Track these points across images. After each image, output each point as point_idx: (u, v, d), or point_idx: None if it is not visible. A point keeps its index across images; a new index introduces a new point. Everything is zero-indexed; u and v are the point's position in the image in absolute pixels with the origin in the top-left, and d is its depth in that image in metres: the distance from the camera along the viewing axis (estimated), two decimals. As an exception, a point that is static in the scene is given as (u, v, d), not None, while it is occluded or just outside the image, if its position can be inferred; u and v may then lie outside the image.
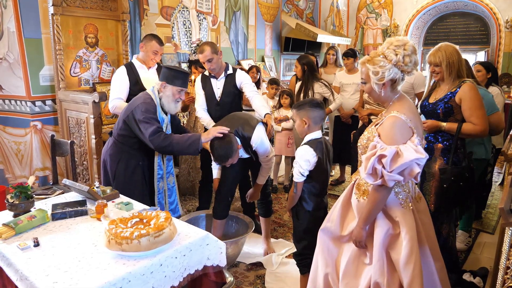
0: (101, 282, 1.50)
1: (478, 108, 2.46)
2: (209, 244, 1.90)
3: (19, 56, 3.71)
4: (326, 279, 2.06)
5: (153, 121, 2.59)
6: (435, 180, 2.56)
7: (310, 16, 8.24)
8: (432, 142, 2.60)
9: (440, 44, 2.57)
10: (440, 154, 2.57)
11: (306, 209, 2.40)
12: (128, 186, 2.73)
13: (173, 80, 2.65)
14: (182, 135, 2.64)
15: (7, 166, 4.14)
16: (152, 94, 2.71)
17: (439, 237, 2.62)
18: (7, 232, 1.88)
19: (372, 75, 1.85)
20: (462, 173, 2.50)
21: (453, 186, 2.49)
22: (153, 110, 2.64)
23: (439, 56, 2.52)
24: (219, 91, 3.35)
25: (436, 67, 2.56)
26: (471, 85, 2.48)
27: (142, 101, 2.64)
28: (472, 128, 2.47)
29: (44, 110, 3.91)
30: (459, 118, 2.52)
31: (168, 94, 2.67)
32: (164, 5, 5.10)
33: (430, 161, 2.59)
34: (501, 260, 1.71)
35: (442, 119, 2.56)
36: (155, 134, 2.57)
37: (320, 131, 2.41)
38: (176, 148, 2.60)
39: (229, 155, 2.65)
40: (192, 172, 4.40)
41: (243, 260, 3.14)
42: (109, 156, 2.79)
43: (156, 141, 2.56)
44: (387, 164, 1.70)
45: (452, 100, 2.50)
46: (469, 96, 2.45)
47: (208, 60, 3.21)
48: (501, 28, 7.43)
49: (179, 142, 2.58)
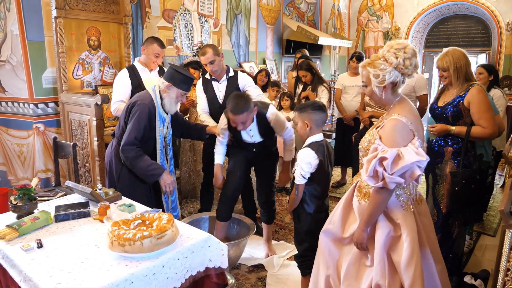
0: (104, 283, 1.51)
1: (486, 111, 2.48)
2: (211, 246, 1.91)
3: (22, 58, 3.73)
4: (327, 281, 2.06)
5: (137, 131, 2.62)
6: (447, 183, 2.59)
7: (311, 19, 8.25)
8: (442, 146, 2.62)
9: (447, 48, 2.60)
10: (450, 157, 2.59)
11: (308, 212, 2.40)
12: (134, 187, 2.75)
13: (180, 84, 2.67)
14: (151, 162, 2.65)
15: (9, 168, 4.16)
16: (152, 93, 2.72)
17: (449, 239, 2.64)
18: (10, 233, 1.89)
19: (373, 78, 1.86)
20: (473, 176, 2.53)
21: (465, 189, 2.52)
22: (146, 116, 2.64)
23: (447, 61, 2.55)
24: (221, 93, 3.35)
25: (444, 72, 2.58)
26: (479, 88, 2.50)
27: (141, 102, 2.65)
28: (481, 131, 2.48)
29: (46, 112, 3.93)
30: (468, 121, 2.54)
31: (172, 96, 2.70)
32: (166, 8, 5.12)
33: (441, 165, 2.62)
34: (501, 262, 1.71)
35: (451, 122, 2.58)
36: (131, 145, 2.61)
37: (321, 134, 2.42)
38: (138, 170, 2.65)
39: (244, 108, 2.67)
40: (193, 175, 4.41)
41: (244, 262, 3.15)
42: (114, 157, 2.80)
43: (127, 152, 2.61)
44: (388, 166, 1.71)
45: (461, 103, 2.52)
46: (478, 100, 2.47)
47: (210, 62, 3.22)
48: (502, 30, 7.43)
49: (142, 167, 2.62)
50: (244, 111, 2.67)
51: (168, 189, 2.71)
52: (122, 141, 2.64)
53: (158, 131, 2.74)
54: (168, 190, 2.72)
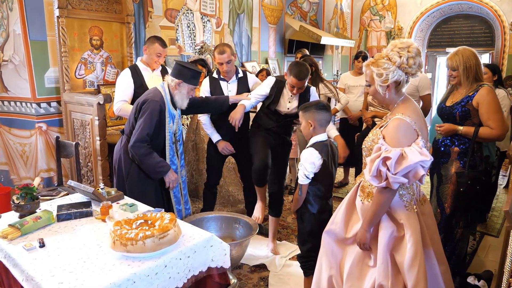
0: (106, 283, 1.51)
1: (495, 112, 2.45)
2: (213, 245, 1.91)
3: (24, 58, 3.73)
4: (330, 281, 2.06)
5: (149, 128, 2.64)
6: (452, 184, 2.57)
7: (313, 19, 8.24)
8: (449, 146, 2.60)
9: (458, 48, 2.57)
10: (456, 157, 2.57)
11: (311, 212, 2.39)
12: (143, 183, 2.77)
13: (190, 80, 2.72)
14: (160, 159, 2.70)
15: (12, 167, 4.16)
16: (162, 90, 2.74)
17: (451, 240, 2.63)
18: (13, 233, 1.89)
19: (376, 77, 1.85)
20: (479, 177, 2.50)
21: (470, 190, 2.49)
22: (157, 112, 2.67)
23: (456, 60, 2.53)
24: (230, 93, 3.33)
25: (454, 71, 2.56)
26: (488, 89, 2.47)
27: (152, 99, 2.67)
28: (490, 132, 2.46)
29: (49, 111, 3.93)
30: (476, 121, 2.52)
31: (184, 92, 2.74)
32: (169, 7, 5.11)
33: (447, 165, 2.60)
34: (506, 263, 1.70)
35: (459, 122, 2.56)
36: (142, 142, 2.63)
37: (325, 134, 2.41)
38: (146, 166, 2.69)
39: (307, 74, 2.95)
40: (196, 175, 4.41)
41: (247, 262, 3.14)
42: (124, 153, 2.81)
43: (138, 149, 2.63)
44: (392, 166, 1.70)
45: (469, 103, 2.50)
46: (487, 100, 2.44)
47: (228, 61, 3.21)
48: (505, 30, 7.40)
49: (151, 164, 2.67)
50: (307, 76, 2.94)
51: (171, 185, 2.79)
52: (133, 138, 2.65)
53: (167, 128, 2.77)
54: (172, 187, 2.80)
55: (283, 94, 3.13)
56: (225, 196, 4.27)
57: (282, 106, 3.16)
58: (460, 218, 2.61)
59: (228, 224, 3.25)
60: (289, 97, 3.12)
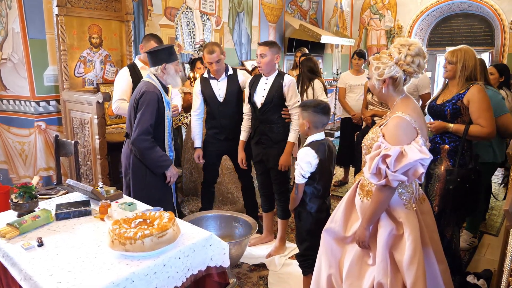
0: (104, 282, 1.51)
1: (486, 110, 2.45)
2: (213, 244, 1.90)
3: (23, 56, 3.72)
4: (329, 280, 2.05)
5: (150, 119, 2.62)
6: (440, 182, 2.55)
7: (313, 17, 8.23)
8: (439, 144, 2.59)
9: (462, 45, 2.57)
10: (446, 155, 2.56)
11: (309, 211, 2.39)
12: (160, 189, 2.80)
13: (170, 57, 2.72)
14: (162, 153, 2.70)
15: (11, 166, 4.16)
16: (151, 81, 2.72)
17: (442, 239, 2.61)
18: (11, 232, 1.89)
19: (374, 71, 1.88)
20: (469, 175, 2.49)
21: (459, 188, 2.48)
22: (156, 102, 2.66)
23: (457, 55, 2.53)
24: (221, 91, 3.33)
25: (450, 65, 2.56)
26: (479, 87, 2.48)
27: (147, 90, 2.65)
28: (480, 130, 2.46)
29: (48, 110, 3.92)
30: (466, 119, 2.52)
31: (172, 72, 2.74)
32: (168, 6, 5.10)
33: (436, 163, 2.58)
34: (506, 262, 1.70)
35: (450, 120, 2.56)
36: (146, 134, 2.61)
37: (323, 133, 2.40)
38: (149, 161, 2.68)
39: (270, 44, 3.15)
40: (195, 173, 4.40)
41: (246, 261, 3.14)
42: (134, 157, 2.76)
43: (142, 143, 2.61)
44: (391, 164, 1.70)
45: (460, 101, 2.50)
46: (478, 98, 2.45)
47: (217, 61, 3.20)
48: (505, 29, 7.40)
49: (154, 158, 2.66)
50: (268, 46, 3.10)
51: (172, 180, 2.81)
52: (136, 131, 2.61)
53: (166, 115, 2.77)
54: (172, 181, 2.82)
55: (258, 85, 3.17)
56: (224, 194, 4.27)
57: (259, 95, 3.15)
58: (449, 217, 2.60)
59: (228, 223, 3.25)
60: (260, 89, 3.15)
